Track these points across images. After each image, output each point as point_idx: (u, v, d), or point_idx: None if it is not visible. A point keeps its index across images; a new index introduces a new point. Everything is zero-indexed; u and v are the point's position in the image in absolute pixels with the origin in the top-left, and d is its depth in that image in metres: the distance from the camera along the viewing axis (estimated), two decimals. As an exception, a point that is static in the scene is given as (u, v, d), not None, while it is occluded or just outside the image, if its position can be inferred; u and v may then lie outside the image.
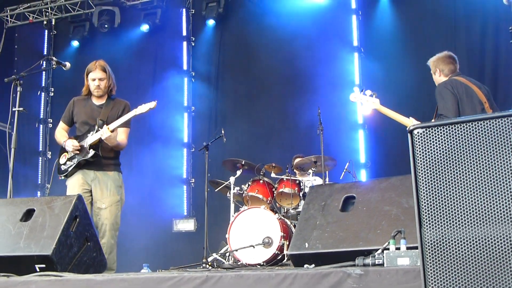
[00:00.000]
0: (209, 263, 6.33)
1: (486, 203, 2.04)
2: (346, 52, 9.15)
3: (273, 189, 6.89)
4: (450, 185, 2.11)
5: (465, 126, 2.13)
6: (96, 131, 5.13)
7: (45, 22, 11.20)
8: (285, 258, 6.01)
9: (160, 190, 9.89)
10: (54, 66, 5.44)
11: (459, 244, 2.04)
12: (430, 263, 2.07)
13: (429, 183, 2.14)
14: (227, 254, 6.56)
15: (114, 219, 5.12)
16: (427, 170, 2.15)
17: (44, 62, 8.56)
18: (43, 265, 3.73)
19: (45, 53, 11.11)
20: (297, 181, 6.87)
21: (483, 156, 2.08)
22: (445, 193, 2.11)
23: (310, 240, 3.58)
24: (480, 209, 2.04)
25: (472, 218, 2.05)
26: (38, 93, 11.04)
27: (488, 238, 2.00)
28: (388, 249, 2.97)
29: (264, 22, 9.82)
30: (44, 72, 10.97)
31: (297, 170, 7.54)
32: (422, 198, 2.14)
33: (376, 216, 3.51)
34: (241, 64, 10.03)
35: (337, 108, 8.81)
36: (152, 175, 9.91)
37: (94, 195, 5.15)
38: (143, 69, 10.47)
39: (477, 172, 2.08)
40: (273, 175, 7.14)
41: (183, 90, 10.27)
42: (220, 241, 7.27)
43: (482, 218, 2.03)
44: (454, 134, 2.14)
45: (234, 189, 7.00)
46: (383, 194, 3.62)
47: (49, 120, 10.88)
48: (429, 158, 2.16)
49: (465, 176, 2.10)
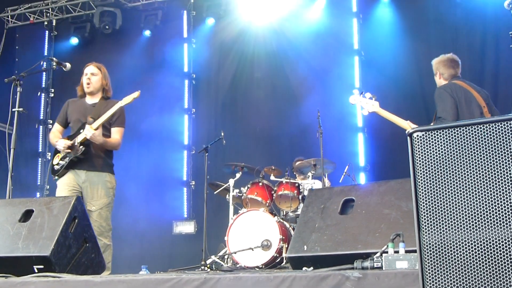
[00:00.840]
0: (208, 266, 6.33)
1: (485, 207, 2.04)
2: (347, 55, 9.16)
3: (272, 192, 6.89)
4: (449, 189, 2.11)
5: (465, 130, 2.13)
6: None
7: (46, 23, 11.22)
8: (284, 261, 6.01)
9: (160, 192, 9.89)
10: (55, 67, 5.45)
11: (458, 248, 2.04)
12: (429, 267, 2.07)
13: (428, 187, 2.14)
14: (226, 257, 6.56)
15: (105, 221, 5.07)
16: (426, 174, 2.15)
17: (45, 63, 8.54)
18: (42, 266, 3.72)
19: (46, 54, 11.11)
20: (297, 184, 6.87)
21: (482, 160, 2.08)
22: (444, 197, 2.11)
23: (309, 243, 3.58)
24: (479, 213, 2.04)
25: (471, 222, 2.05)
26: (38, 94, 11.05)
27: (487, 242, 2.00)
28: (387, 252, 2.97)
29: (265, 25, 9.83)
30: (44, 73, 10.96)
31: (297, 173, 7.54)
32: (421, 202, 2.14)
33: (375, 219, 3.50)
34: (242, 67, 10.04)
35: (337, 111, 8.82)
36: (153, 177, 9.91)
37: (85, 197, 5.11)
38: (144, 71, 10.46)
39: (476, 176, 2.08)
40: (273, 178, 7.14)
41: (184, 92, 10.27)
42: (219, 244, 7.26)
43: (481, 222, 2.03)
44: (453, 138, 2.14)
45: (234, 192, 6.99)
46: (382, 197, 3.62)
47: (49, 121, 10.86)
48: (428, 162, 2.16)
49: (464, 180, 2.10)
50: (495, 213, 2.02)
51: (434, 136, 2.17)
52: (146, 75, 10.44)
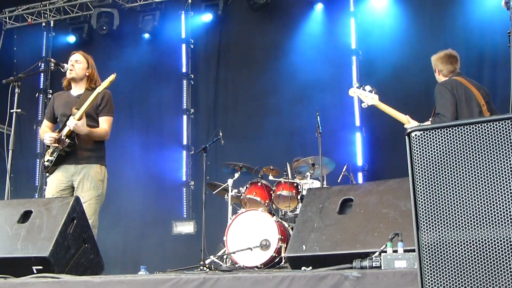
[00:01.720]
0: (207, 266, 6.33)
1: (484, 206, 2.04)
2: (344, 55, 9.17)
3: (271, 192, 6.89)
4: (448, 188, 2.11)
5: (463, 129, 2.13)
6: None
7: (44, 24, 11.22)
8: (283, 261, 6.01)
9: (160, 193, 9.89)
10: (53, 68, 5.41)
11: (456, 247, 2.04)
12: (427, 266, 2.07)
13: (427, 186, 2.14)
14: (225, 257, 6.56)
15: (93, 215, 4.87)
16: (425, 173, 2.16)
17: (43, 64, 8.56)
18: (41, 267, 3.72)
19: (44, 55, 11.11)
20: (295, 184, 6.87)
21: (481, 159, 2.08)
22: (443, 196, 2.11)
23: (308, 243, 3.58)
24: (478, 212, 2.05)
25: (470, 221, 2.05)
26: (37, 95, 11.04)
27: (486, 241, 2.00)
28: (386, 252, 2.97)
29: (263, 25, 9.84)
30: (43, 74, 10.96)
31: (295, 173, 7.55)
32: (420, 201, 2.14)
33: (374, 219, 3.51)
34: (240, 67, 10.05)
35: (335, 111, 8.83)
36: (152, 178, 9.92)
37: (75, 190, 5.00)
38: (142, 72, 10.47)
39: (475, 175, 2.08)
40: (271, 178, 7.14)
41: (182, 93, 10.27)
42: (218, 244, 7.26)
43: (480, 221, 2.03)
44: (452, 137, 2.14)
45: (232, 192, 7.00)
46: (381, 197, 3.62)
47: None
48: (427, 161, 2.16)
49: (463, 179, 2.10)
50: (494, 212, 2.02)
51: (432, 136, 2.17)
52: (144, 76, 10.45)
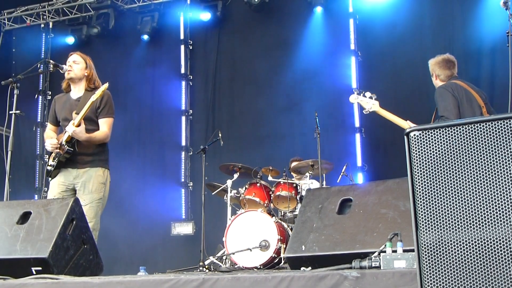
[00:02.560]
0: (206, 266, 6.33)
1: (483, 206, 2.04)
2: (343, 56, 9.18)
3: (270, 192, 6.90)
4: (447, 188, 2.11)
5: (462, 129, 2.13)
6: None
7: (43, 25, 11.23)
8: (282, 262, 6.01)
9: (158, 194, 9.89)
10: (52, 69, 5.40)
11: (456, 247, 2.04)
12: (427, 266, 2.07)
13: (426, 186, 2.14)
14: (224, 258, 6.56)
15: (94, 218, 4.86)
16: (424, 173, 2.16)
17: (42, 65, 8.54)
18: (40, 268, 3.72)
19: (43, 56, 11.11)
20: (294, 184, 6.87)
21: (480, 159, 2.08)
22: (442, 196, 2.11)
23: (307, 243, 3.58)
24: (477, 212, 2.05)
25: (469, 221, 2.05)
26: (36, 96, 11.04)
27: (485, 241, 2.01)
28: (385, 252, 2.97)
29: (262, 26, 9.85)
30: (42, 75, 10.97)
31: (294, 174, 7.55)
32: (419, 201, 2.14)
33: (373, 219, 3.51)
34: (239, 68, 10.06)
35: (334, 112, 8.84)
36: (150, 179, 9.91)
37: (77, 193, 4.99)
38: (141, 73, 10.47)
39: (474, 175, 2.08)
40: (270, 178, 7.14)
41: (181, 94, 10.27)
42: (217, 244, 7.26)
43: (479, 221, 2.03)
44: (451, 137, 2.14)
45: (231, 192, 7.00)
46: (380, 197, 3.62)
47: (47, 124, 10.81)
48: (426, 161, 2.16)
49: (462, 179, 2.10)
50: (493, 212, 2.02)
51: (431, 136, 2.17)
52: (143, 77, 10.46)
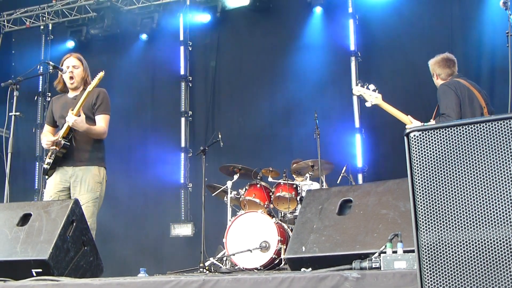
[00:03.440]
0: (206, 268, 6.33)
1: (483, 206, 2.04)
2: (343, 57, 9.17)
3: (270, 193, 6.90)
4: (447, 188, 2.11)
5: (462, 129, 2.13)
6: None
7: (42, 27, 11.23)
8: (283, 263, 6.01)
9: (158, 195, 9.89)
10: (51, 71, 5.40)
11: (456, 247, 2.04)
12: (427, 267, 2.07)
13: (426, 186, 2.14)
14: (224, 259, 6.56)
15: (90, 218, 4.80)
16: (424, 173, 2.15)
17: (41, 67, 8.54)
18: (40, 270, 3.72)
19: (42, 58, 11.11)
20: (294, 185, 6.87)
21: (480, 159, 2.08)
22: (442, 196, 2.11)
23: (307, 244, 3.57)
24: (477, 212, 2.04)
25: (469, 221, 2.05)
26: (35, 98, 11.04)
27: (485, 241, 2.00)
28: (385, 253, 2.97)
29: (261, 27, 9.85)
30: (41, 77, 10.96)
31: (295, 175, 7.55)
32: (419, 202, 2.14)
33: (373, 220, 3.51)
34: (238, 69, 10.06)
35: (334, 113, 8.83)
36: (150, 180, 9.90)
37: (72, 192, 4.97)
38: (140, 74, 10.48)
39: (474, 175, 2.08)
40: (270, 179, 7.14)
41: (180, 95, 10.27)
42: (218, 246, 7.26)
43: (479, 221, 2.03)
44: (451, 137, 2.14)
45: (231, 194, 7.00)
46: (380, 198, 3.62)
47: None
48: (426, 161, 2.16)
49: (462, 179, 2.10)
50: (493, 213, 2.02)
51: (431, 136, 2.17)
52: (143, 78, 10.46)
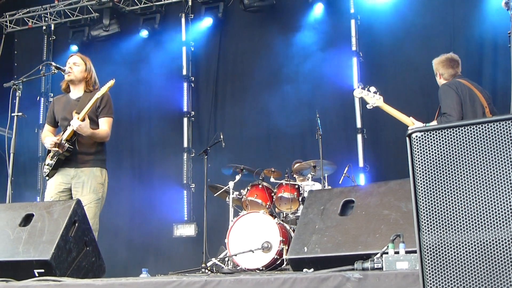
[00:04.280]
0: (208, 268, 6.33)
1: (485, 207, 2.04)
2: (345, 57, 9.16)
3: (272, 194, 6.89)
4: (449, 189, 2.10)
5: (464, 130, 2.12)
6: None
7: (44, 27, 11.23)
8: (285, 263, 6.01)
9: (160, 195, 9.88)
10: (54, 72, 5.42)
11: (458, 248, 2.04)
12: (429, 267, 2.07)
13: (428, 187, 2.14)
14: (226, 259, 6.56)
15: (92, 219, 4.83)
16: (426, 174, 2.15)
17: (44, 67, 8.54)
18: (42, 270, 3.72)
19: (45, 58, 11.12)
20: (296, 186, 6.87)
21: (482, 160, 2.08)
22: (444, 197, 2.10)
23: (309, 245, 3.57)
24: (479, 213, 2.04)
25: (471, 222, 2.04)
26: (38, 99, 11.06)
27: (487, 242, 2.00)
28: (387, 253, 2.97)
29: (263, 27, 9.85)
30: (43, 78, 10.94)
31: (296, 175, 7.55)
32: (421, 202, 2.14)
33: (375, 220, 3.50)
34: (240, 69, 10.06)
35: (336, 113, 8.83)
36: (152, 180, 9.91)
37: (74, 193, 5.00)
38: (143, 74, 10.47)
39: (476, 176, 2.08)
40: (272, 180, 7.14)
41: (183, 95, 10.27)
42: (220, 246, 7.26)
43: (481, 222, 2.03)
44: (453, 138, 2.14)
45: (233, 194, 7.00)
46: (382, 198, 3.62)
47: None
48: (428, 162, 2.16)
49: (464, 180, 2.09)
50: (495, 213, 2.01)
51: (433, 137, 2.17)
52: (145, 78, 10.46)
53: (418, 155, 2.18)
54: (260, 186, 6.92)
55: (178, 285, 2.96)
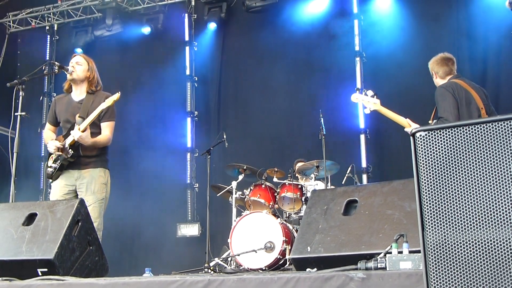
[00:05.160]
0: (211, 268, 6.33)
1: (489, 206, 2.03)
2: (348, 57, 9.15)
3: (275, 194, 6.89)
4: (453, 189, 2.10)
5: (468, 129, 2.12)
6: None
7: (48, 28, 11.24)
8: (287, 263, 6.00)
9: (164, 195, 9.89)
10: (57, 71, 5.42)
11: (462, 248, 2.04)
12: (433, 267, 2.07)
13: (432, 187, 2.13)
14: (229, 259, 6.56)
15: (97, 219, 4.91)
16: (430, 173, 2.15)
17: (47, 67, 8.56)
18: (45, 269, 3.73)
19: (48, 58, 11.13)
20: (299, 186, 6.86)
21: (486, 159, 2.07)
22: (448, 197, 2.10)
23: (313, 244, 3.57)
24: (483, 213, 2.04)
25: (475, 222, 2.04)
26: (41, 98, 11.07)
27: (491, 242, 2.00)
28: (391, 253, 2.96)
29: (266, 27, 9.84)
30: (47, 77, 11.00)
31: (299, 175, 7.54)
32: (425, 202, 2.14)
33: (379, 220, 3.50)
34: (243, 69, 10.05)
35: (339, 113, 8.82)
36: (156, 180, 9.91)
37: (79, 194, 5.07)
38: (146, 74, 10.48)
39: (480, 175, 2.07)
40: (275, 180, 7.14)
41: (186, 95, 10.28)
42: (223, 246, 7.26)
43: (485, 222, 2.02)
44: (457, 137, 2.13)
45: (236, 194, 7.00)
46: (386, 198, 3.61)
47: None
48: (432, 161, 2.15)
49: (468, 179, 2.09)
50: (499, 213, 2.01)
51: (437, 136, 2.16)
52: (148, 79, 10.46)
53: (422, 154, 2.17)
54: (263, 186, 6.92)
55: (181, 285, 2.97)
